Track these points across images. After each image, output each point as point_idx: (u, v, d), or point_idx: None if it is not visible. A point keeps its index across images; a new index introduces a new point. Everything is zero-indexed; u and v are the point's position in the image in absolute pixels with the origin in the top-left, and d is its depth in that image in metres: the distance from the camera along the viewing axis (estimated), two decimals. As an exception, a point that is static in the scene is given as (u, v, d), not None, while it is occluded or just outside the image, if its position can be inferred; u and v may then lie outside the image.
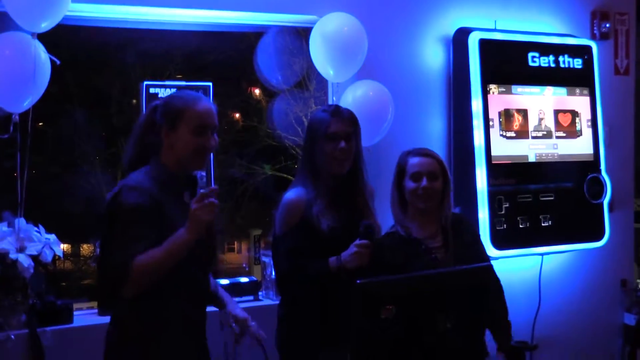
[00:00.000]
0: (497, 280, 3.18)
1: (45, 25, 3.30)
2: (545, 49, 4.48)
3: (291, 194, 3.07)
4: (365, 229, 2.97)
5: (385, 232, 3.22)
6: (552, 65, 4.50)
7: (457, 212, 3.38)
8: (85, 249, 7.24)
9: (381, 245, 3.12)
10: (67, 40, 3.49)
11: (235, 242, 7.84)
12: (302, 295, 3.08)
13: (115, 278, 2.48)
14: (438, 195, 3.16)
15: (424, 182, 3.12)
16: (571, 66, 4.55)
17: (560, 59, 4.51)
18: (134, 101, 5.61)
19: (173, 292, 2.60)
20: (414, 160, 3.18)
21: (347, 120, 3.09)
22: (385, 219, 3.27)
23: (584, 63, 4.59)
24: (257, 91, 6.72)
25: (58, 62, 3.37)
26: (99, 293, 2.60)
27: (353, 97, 3.91)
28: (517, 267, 4.46)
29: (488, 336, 3.04)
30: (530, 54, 4.43)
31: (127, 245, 2.47)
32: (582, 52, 4.59)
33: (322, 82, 4.23)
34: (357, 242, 2.95)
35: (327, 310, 3.03)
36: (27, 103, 3.29)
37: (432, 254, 3.11)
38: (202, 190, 2.48)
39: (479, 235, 3.30)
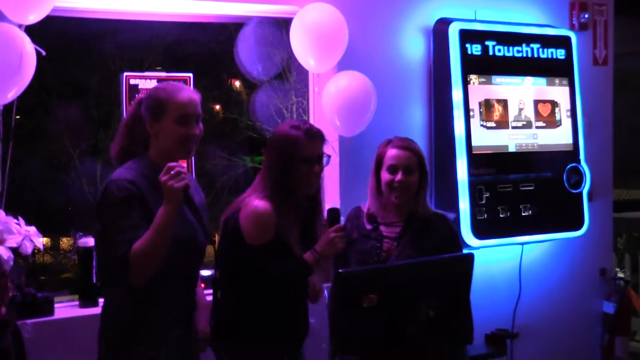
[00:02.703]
0: None
1: (33, 18, 3.27)
2: (524, 39, 4.49)
3: (263, 204, 2.93)
4: (331, 214, 2.99)
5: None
6: (532, 55, 4.51)
7: (442, 215, 3.27)
8: (65, 242, 7.20)
9: (351, 215, 3.27)
10: (44, 31, 3.46)
11: (216, 235, 7.82)
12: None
13: (119, 271, 2.50)
14: (413, 189, 3.17)
15: (399, 175, 3.13)
16: (550, 57, 4.57)
17: (540, 49, 4.53)
18: (114, 93, 5.59)
19: (165, 281, 2.61)
20: (391, 152, 3.19)
21: (321, 141, 3.04)
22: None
23: (563, 53, 4.61)
24: (237, 83, 6.71)
25: (44, 53, 3.34)
26: (102, 289, 2.63)
27: (336, 87, 3.90)
28: (497, 257, 4.49)
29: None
30: (510, 45, 4.44)
31: (121, 237, 2.50)
32: (561, 42, 4.62)
33: (302, 73, 4.21)
34: (328, 230, 2.95)
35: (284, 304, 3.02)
36: (12, 94, 3.26)
37: (378, 242, 3.15)
38: (167, 164, 2.50)
39: (452, 244, 3.17)
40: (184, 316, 2.77)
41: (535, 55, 4.53)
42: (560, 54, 4.61)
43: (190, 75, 3.94)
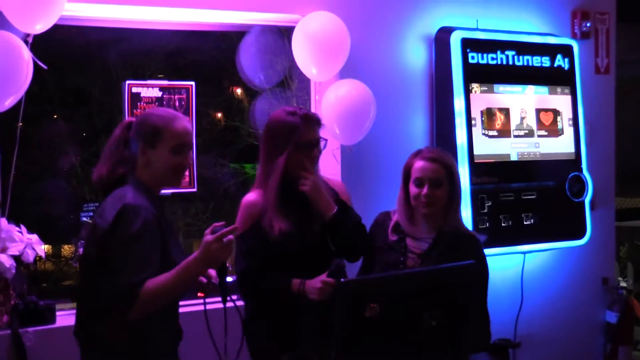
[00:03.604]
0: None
1: (40, 27, 3.28)
2: (526, 48, 4.49)
3: (250, 196, 3.07)
4: (335, 268, 2.94)
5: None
6: (534, 64, 4.52)
7: (474, 237, 3.22)
8: (66, 249, 7.20)
9: (378, 221, 3.24)
10: (47, 39, 3.47)
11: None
12: (260, 299, 3.08)
13: (123, 301, 2.46)
14: (441, 203, 3.09)
15: (425, 189, 3.06)
16: (552, 65, 4.57)
17: (542, 58, 4.53)
18: (116, 100, 5.60)
19: (161, 319, 2.62)
20: (419, 164, 3.11)
21: (317, 126, 3.06)
22: (365, 218, 3.29)
23: (565, 62, 4.61)
24: (238, 91, 6.71)
25: (45, 67, 3.34)
26: (95, 312, 2.57)
27: (335, 95, 3.90)
28: (499, 266, 4.47)
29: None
30: (511, 53, 4.45)
31: (135, 268, 2.46)
32: (563, 51, 4.61)
33: (304, 80, 4.22)
34: (324, 278, 2.93)
35: (287, 312, 3.03)
36: (9, 102, 3.26)
37: (402, 255, 3.11)
38: (221, 229, 2.48)
39: (480, 271, 3.10)
40: (174, 345, 2.76)
41: (537, 64, 4.52)
42: (562, 62, 4.60)
43: (192, 83, 3.94)
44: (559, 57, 4.58)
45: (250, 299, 3.12)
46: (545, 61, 4.55)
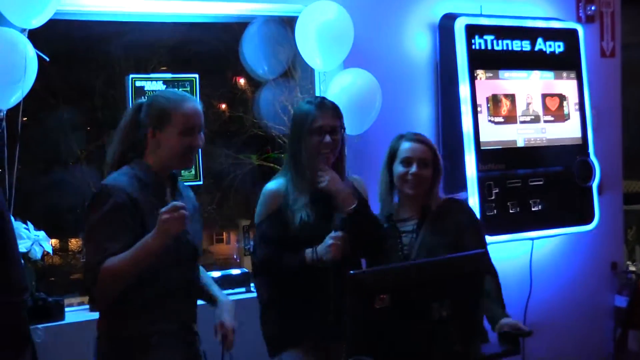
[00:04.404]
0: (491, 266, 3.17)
1: (36, 22, 3.27)
2: (531, 33, 4.47)
3: (272, 184, 3.09)
4: (340, 222, 2.96)
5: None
6: (539, 49, 4.49)
7: (454, 199, 3.33)
8: (74, 243, 7.21)
9: None
10: (49, 33, 3.46)
11: (224, 233, 7.83)
12: (280, 284, 3.07)
13: (87, 280, 2.49)
14: (427, 183, 3.17)
15: (414, 168, 3.13)
16: (557, 50, 4.54)
17: (547, 42, 4.50)
18: (119, 93, 5.58)
19: (159, 292, 2.60)
20: (406, 145, 3.19)
21: (332, 113, 3.07)
22: (375, 207, 3.28)
23: (570, 46, 4.58)
24: (242, 81, 6.69)
25: (48, 59, 3.34)
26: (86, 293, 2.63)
27: (340, 85, 3.88)
28: (508, 253, 4.46)
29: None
30: (516, 39, 4.42)
31: (100, 247, 2.48)
32: (568, 35, 4.58)
33: (307, 70, 4.20)
34: (332, 234, 2.93)
35: (308, 298, 3.02)
36: (15, 99, 3.25)
37: (399, 237, 3.15)
38: (174, 202, 2.47)
39: (471, 223, 3.21)
40: (182, 329, 2.73)
41: (542, 49, 4.50)
42: (567, 46, 4.57)
43: (196, 76, 3.93)
44: (564, 41, 4.55)
45: (268, 283, 3.10)
46: (551, 46, 4.52)
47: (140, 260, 2.47)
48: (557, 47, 4.54)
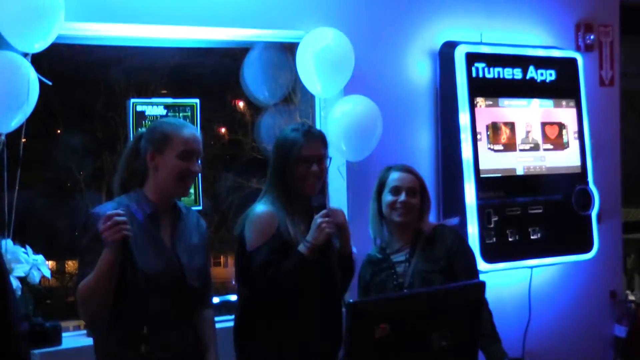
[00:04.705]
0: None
1: (38, 46, 3.29)
2: (530, 61, 4.49)
3: (263, 208, 3.00)
4: (318, 204, 2.95)
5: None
6: (538, 77, 4.50)
7: (445, 225, 3.42)
8: (70, 265, 7.18)
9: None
10: (50, 57, 3.47)
11: (222, 257, 7.81)
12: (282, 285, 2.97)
13: (74, 303, 2.58)
14: (415, 211, 3.26)
15: (403, 196, 3.23)
16: (557, 78, 4.56)
17: (547, 71, 4.52)
18: (119, 117, 5.59)
19: (143, 319, 2.62)
20: (394, 175, 3.29)
21: (319, 142, 3.06)
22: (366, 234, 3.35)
23: (569, 75, 4.59)
24: (241, 104, 6.70)
25: (50, 83, 3.35)
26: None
27: (341, 112, 3.89)
28: (506, 281, 4.46)
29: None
30: (516, 67, 4.43)
31: (80, 273, 2.57)
32: (567, 64, 4.60)
33: (307, 95, 4.21)
34: (317, 217, 2.90)
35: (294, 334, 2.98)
36: (16, 123, 3.26)
37: (393, 268, 3.23)
38: (108, 213, 2.50)
39: (461, 249, 3.27)
40: (175, 356, 2.72)
41: (542, 77, 4.52)
42: (566, 75, 4.59)
43: (197, 101, 3.93)
44: (563, 70, 4.57)
45: (273, 290, 2.96)
46: (550, 74, 4.53)
47: (102, 275, 2.50)
48: (556, 75, 4.55)
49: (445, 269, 3.14)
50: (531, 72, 4.48)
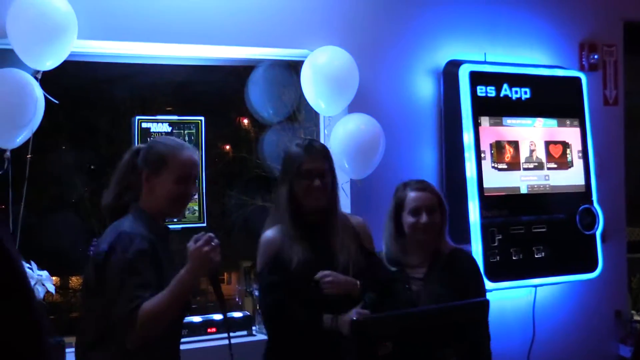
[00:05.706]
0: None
1: (50, 64, 3.30)
2: (534, 80, 4.50)
3: (268, 233, 3.07)
4: (370, 301, 2.96)
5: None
6: (542, 96, 4.51)
7: (461, 249, 3.41)
8: (74, 281, 7.18)
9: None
10: (56, 73, 3.49)
11: (225, 274, 7.80)
12: (286, 333, 3.03)
13: (120, 329, 2.45)
14: (437, 227, 3.25)
15: (424, 217, 3.21)
16: (561, 97, 4.57)
17: (550, 90, 4.53)
18: (123, 132, 5.60)
19: (158, 348, 2.59)
20: (412, 195, 3.26)
21: (320, 156, 3.07)
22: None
23: (573, 94, 4.60)
24: (245, 121, 6.72)
25: (57, 102, 3.37)
26: (92, 344, 2.56)
27: (345, 130, 3.90)
28: (511, 300, 4.44)
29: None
30: (520, 86, 4.44)
31: (132, 293, 2.44)
32: (571, 83, 4.61)
33: (312, 113, 4.22)
34: (359, 309, 2.91)
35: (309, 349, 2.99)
36: (21, 139, 3.27)
37: (408, 282, 3.20)
38: (208, 233, 2.51)
39: (475, 275, 3.30)
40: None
41: (546, 97, 4.52)
42: (570, 94, 4.60)
43: (202, 119, 3.95)
44: (567, 89, 4.58)
45: (278, 332, 3.05)
46: (554, 93, 4.54)
47: (178, 296, 2.47)
48: (560, 94, 4.56)
49: (458, 293, 3.10)
50: (535, 92, 4.48)
